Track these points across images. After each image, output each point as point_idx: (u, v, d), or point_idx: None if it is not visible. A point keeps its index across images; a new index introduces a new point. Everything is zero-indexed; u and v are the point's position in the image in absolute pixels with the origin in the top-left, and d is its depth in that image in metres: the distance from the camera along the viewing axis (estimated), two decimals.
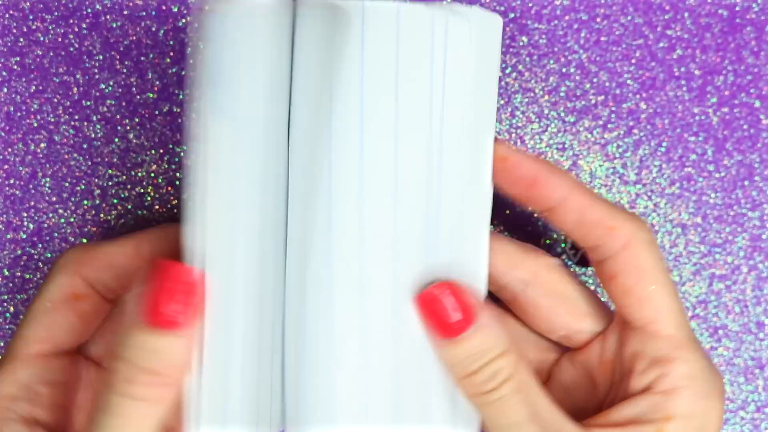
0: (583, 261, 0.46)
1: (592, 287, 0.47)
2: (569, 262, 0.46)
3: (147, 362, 0.31)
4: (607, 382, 0.39)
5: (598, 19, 0.46)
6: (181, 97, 0.46)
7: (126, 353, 0.31)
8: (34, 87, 0.45)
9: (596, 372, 0.39)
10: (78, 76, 0.45)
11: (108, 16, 0.45)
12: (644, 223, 0.38)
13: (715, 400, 0.37)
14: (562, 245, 0.45)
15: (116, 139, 0.46)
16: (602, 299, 0.41)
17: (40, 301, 0.38)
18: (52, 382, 0.37)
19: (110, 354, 0.32)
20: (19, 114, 0.45)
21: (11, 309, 0.46)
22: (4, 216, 0.46)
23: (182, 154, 0.46)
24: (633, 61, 0.46)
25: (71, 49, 0.45)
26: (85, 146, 0.46)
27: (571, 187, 0.37)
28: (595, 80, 0.47)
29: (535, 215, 0.46)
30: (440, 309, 0.34)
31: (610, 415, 0.36)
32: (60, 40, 0.45)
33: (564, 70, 0.46)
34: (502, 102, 0.46)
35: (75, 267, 0.38)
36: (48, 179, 0.46)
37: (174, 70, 0.46)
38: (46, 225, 0.46)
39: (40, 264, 0.46)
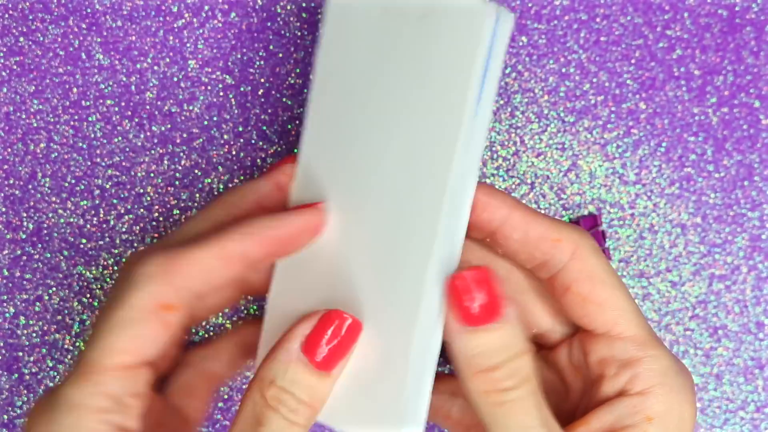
0: None
1: None
2: None
3: (306, 396, 0.35)
4: (579, 389, 0.39)
5: (598, 19, 0.46)
6: (180, 97, 0.46)
7: (290, 387, 0.35)
8: (33, 87, 0.45)
9: (568, 376, 0.40)
10: (77, 76, 0.45)
11: (107, 16, 0.45)
12: (585, 231, 0.38)
13: (688, 393, 0.37)
14: None
15: (116, 139, 0.46)
16: None
17: (124, 309, 0.36)
18: (140, 394, 0.36)
19: (267, 383, 0.36)
20: (18, 114, 0.45)
21: (11, 309, 0.46)
22: (4, 216, 0.46)
23: (181, 154, 0.46)
24: (633, 61, 0.46)
25: (71, 48, 0.45)
26: (84, 146, 0.46)
27: (510, 206, 0.37)
28: (594, 80, 0.46)
29: None
30: (469, 295, 0.34)
31: (591, 423, 0.37)
32: (60, 40, 0.45)
33: (564, 70, 0.46)
34: (501, 102, 0.46)
35: (163, 275, 0.36)
36: (47, 179, 0.46)
37: (173, 70, 0.46)
38: (45, 225, 0.46)
39: (39, 264, 0.46)
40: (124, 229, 0.46)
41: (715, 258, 0.47)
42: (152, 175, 0.46)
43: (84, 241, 0.46)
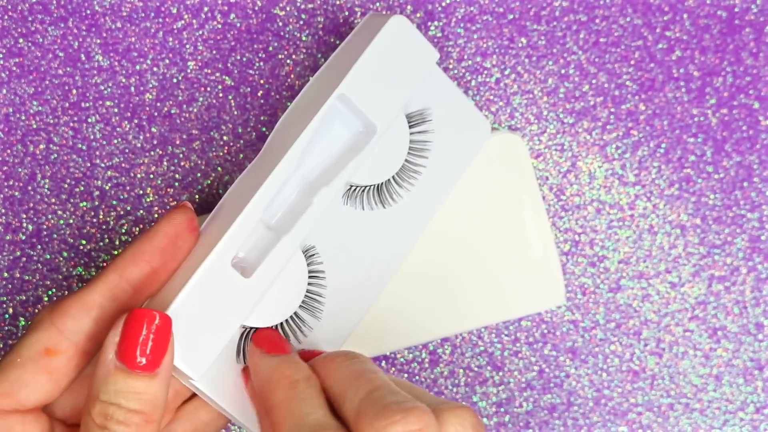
0: None
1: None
2: None
3: (135, 404, 0.34)
4: None
5: (597, 21, 0.46)
6: (180, 98, 0.46)
7: (114, 398, 0.34)
8: (33, 88, 0.45)
9: None
10: (77, 78, 0.45)
11: (107, 18, 0.45)
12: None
13: None
14: None
15: (115, 141, 0.46)
16: None
17: (11, 355, 0.37)
18: None
19: (93, 401, 0.35)
20: (18, 115, 0.45)
21: (10, 310, 0.46)
22: (3, 217, 0.46)
23: (181, 155, 0.46)
24: (632, 62, 0.46)
25: (70, 50, 0.45)
26: (84, 147, 0.46)
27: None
28: (594, 81, 0.46)
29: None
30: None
31: None
32: (59, 41, 0.45)
33: (563, 71, 0.46)
34: (501, 103, 0.46)
35: (50, 319, 0.37)
36: (47, 180, 0.46)
37: (173, 71, 0.46)
38: (45, 226, 0.46)
39: (39, 265, 0.46)
40: (123, 231, 0.46)
41: (714, 259, 0.47)
42: (152, 176, 0.46)
43: (83, 242, 0.46)
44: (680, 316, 0.47)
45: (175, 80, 0.46)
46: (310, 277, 0.40)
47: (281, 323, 0.39)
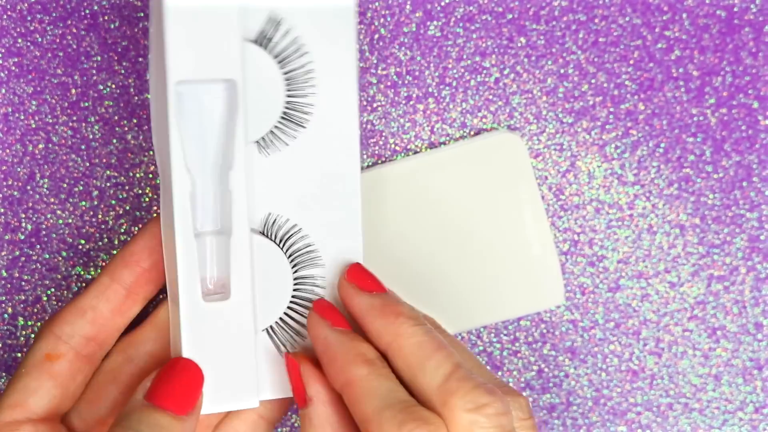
0: None
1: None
2: None
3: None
4: None
5: (597, 20, 0.46)
6: None
7: (137, 427, 0.35)
8: (32, 88, 0.45)
9: None
10: (76, 77, 0.45)
11: (106, 17, 0.45)
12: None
13: None
14: None
15: (114, 140, 0.46)
16: None
17: (18, 369, 0.38)
18: None
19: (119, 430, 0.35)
20: (17, 115, 0.45)
21: (9, 310, 0.46)
22: (2, 217, 0.46)
23: None
24: (631, 61, 0.46)
25: (69, 50, 0.45)
26: (83, 147, 0.46)
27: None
28: (593, 81, 0.47)
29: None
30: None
31: None
32: (58, 41, 0.45)
33: (562, 71, 0.46)
34: (500, 103, 0.46)
35: (49, 328, 0.38)
36: (46, 180, 0.46)
37: None
38: (44, 226, 0.46)
39: (38, 265, 0.46)
40: (122, 230, 0.46)
41: (713, 259, 0.47)
42: (151, 176, 0.46)
43: (82, 242, 0.46)
44: (679, 315, 0.47)
45: None
46: (286, 241, 0.39)
47: (289, 306, 0.39)
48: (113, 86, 0.45)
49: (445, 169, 0.45)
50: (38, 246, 0.46)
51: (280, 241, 0.38)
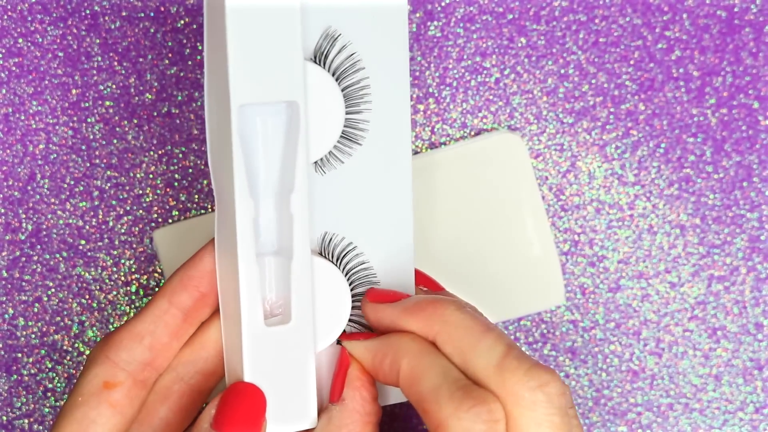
0: None
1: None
2: None
3: None
4: None
5: (597, 20, 0.46)
6: (179, 98, 0.46)
7: None
8: (32, 88, 0.45)
9: None
10: (76, 78, 0.45)
11: (106, 18, 0.45)
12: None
13: None
14: None
15: (115, 141, 0.46)
16: None
17: (73, 396, 0.37)
18: None
19: None
20: (17, 115, 0.45)
21: (9, 310, 0.46)
22: (3, 217, 0.46)
23: (180, 155, 0.46)
24: (631, 62, 0.46)
25: (70, 50, 0.45)
26: (83, 147, 0.46)
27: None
28: (593, 81, 0.47)
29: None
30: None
31: None
32: (59, 41, 0.45)
33: (562, 71, 0.46)
34: (501, 103, 0.46)
35: (103, 353, 0.37)
36: (46, 180, 0.46)
37: (172, 71, 0.46)
38: (44, 226, 0.46)
39: (38, 265, 0.46)
40: (123, 231, 0.46)
41: (714, 259, 0.47)
42: (151, 176, 0.46)
43: (83, 242, 0.46)
44: (680, 316, 0.47)
45: (174, 80, 0.46)
46: (342, 260, 0.38)
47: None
48: (113, 86, 0.45)
49: (445, 169, 0.45)
50: (39, 246, 0.46)
51: (337, 260, 0.38)
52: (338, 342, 0.38)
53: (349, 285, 0.38)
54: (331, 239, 0.38)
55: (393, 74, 0.38)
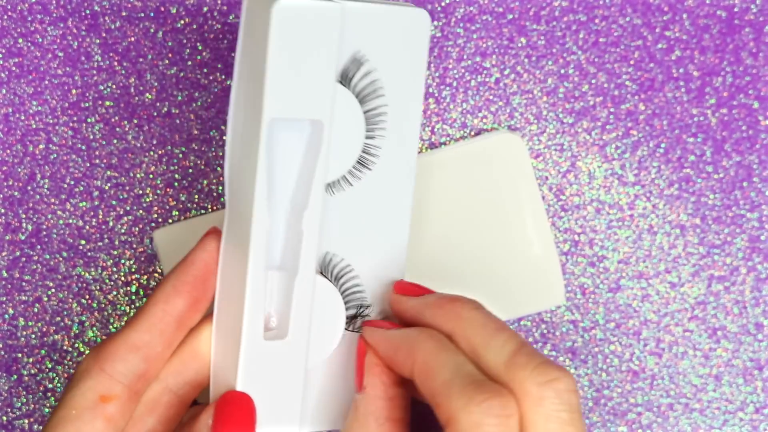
0: None
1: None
2: None
3: None
4: None
5: (597, 20, 0.46)
6: (179, 98, 0.46)
7: None
8: (32, 88, 0.45)
9: None
10: (76, 78, 0.45)
11: (106, 18, 0.45)
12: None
13: None
14: None
15: (115, 141, 0.46)
16: None
17: (65, 408, 0.36)
18: None
19: None
20: (17, 115, 0.45)
21: (9, 310, 0.46)
22: (3, 217, 0.46)
23: (180, 155, 0.46)
24: (631, 62, 0.46)
25: (70, 50, 0.45)
26: (83, 147, 0.46)
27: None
28: (593, 81, 0.47)
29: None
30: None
31: None
32: (59, 41, 0.45)
33: (562, 71, 0.46)
34: (501, 103, 0.46)
35: (98, 365, 0.36)
36: (46, 180, 0.46)
37: (172, 71, 0.46)
38: (44, 226, 0.46)
39: (38, 265, 0.46)
40: (123, 231, 0.46)
41: (714, 259, 0.47)
42: (151, 176, 0.46)
43: (83, 242, 0.46)
44: (680, 316, 0.47)
45: (174, 80, 0.46)
46: (343, 287, 0.39)
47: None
48: (113, 86, 0.46)
49: (445, 169, 0.45)
50: (39, 246, 0.46)
51: (335, 279, 0.38)
52: (357, 330, 0.39)
53: (345, 305, 0.39)
54: (331, 259, 0.38)
55: (408, 104, 0.38)
